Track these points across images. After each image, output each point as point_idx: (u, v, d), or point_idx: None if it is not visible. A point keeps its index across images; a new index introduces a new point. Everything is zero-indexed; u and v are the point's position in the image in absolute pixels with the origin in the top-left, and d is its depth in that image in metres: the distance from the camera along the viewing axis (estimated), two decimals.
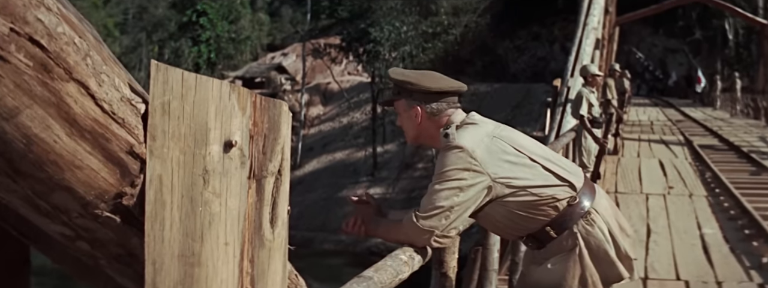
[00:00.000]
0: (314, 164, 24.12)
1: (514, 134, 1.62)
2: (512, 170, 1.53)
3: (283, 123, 1.04)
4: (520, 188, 1.53)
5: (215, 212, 0.95)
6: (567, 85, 7.75)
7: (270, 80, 29.62)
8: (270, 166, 1.01)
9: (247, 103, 0.99)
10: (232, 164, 0.96)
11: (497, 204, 1.55)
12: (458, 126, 1.58)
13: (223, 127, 0.96)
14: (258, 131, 1.00)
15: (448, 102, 1.61)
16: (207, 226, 0.94)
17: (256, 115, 1.00)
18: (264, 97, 1.02)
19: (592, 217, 1.57)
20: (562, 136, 5.33)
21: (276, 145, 1.02)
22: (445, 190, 1.49)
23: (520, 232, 1.61)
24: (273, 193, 1.02)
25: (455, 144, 1.52)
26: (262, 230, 1.01)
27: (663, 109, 17.62)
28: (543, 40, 27.62)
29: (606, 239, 1.57)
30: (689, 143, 9.68)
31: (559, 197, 1.56)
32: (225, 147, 0.95)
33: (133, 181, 0.91)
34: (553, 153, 1.68)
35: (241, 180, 0.97)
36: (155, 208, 0.92)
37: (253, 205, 0.99)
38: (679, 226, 5.01)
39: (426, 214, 1.50)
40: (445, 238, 1.52)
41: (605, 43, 12.01)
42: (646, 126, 12.48)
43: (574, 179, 1.60)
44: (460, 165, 1.50)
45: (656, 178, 6.97)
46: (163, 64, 0.93)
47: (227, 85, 0.97)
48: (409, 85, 1.60)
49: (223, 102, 0.96)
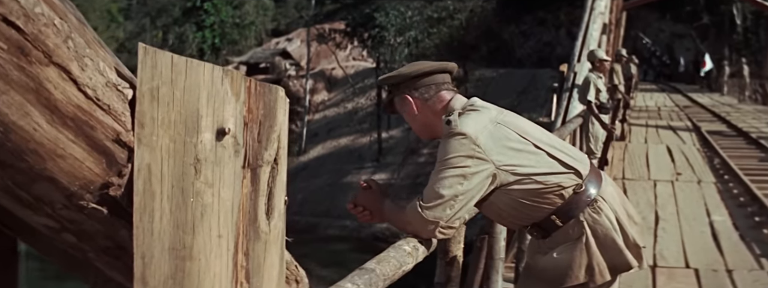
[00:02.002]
0: (319, 150, 24.12)
1: (518, 120, 1.57)
2: (517, 157, 1.48)
3: (280, 109, 0.99)
4: (525, 176, 1.48)
5: (207, 203, 0.90)
6: (573, 71, 7.65)
7: (274, 66, 29.50)
8: (265, 155, 0.96)
9: (240, 89, 0.93)
10: (225, 153, 0.91)
11: (501, 192, 1.50)
12: (460, 112, 1.53)
13: (216, 113, 0.91)
14: (253, 118, 0.95)
15: (436, 83, 1.58)
16: (199, 217, 0.90)
17: (251, 101, 0.95)
18: (259, 82, 0.96)
19: (598, 204, 1.52)
20: (569, 122, 5.25)
21: (272, 133, 0.97)
22: (448, 179, 1.44)
23: (525, 222, 1.56)
24: (269, 183, 0.97)
25: (458, 131, 1.46)
26: (258, 222, 0.96)
27: (670, 94, 17.48)
28: (549, 25, 27.34)
29: (613, 227, 1.52)
30: (697, 129, 9.58)
31: (565, 185, 1.51)
32: (217, 135, 0.91)
33: (120, 171, 0.86)
34: (558, 139, 1.63)
35: (234, 169, 0.93)
36: (144, 199, 0.87)
37: (248, 196, 0.95)
38: (687, 213, 4.96)
39: (429, 204, 1.45)
40: (449, 228, 1.48)
41: (612, 27, 11.85)
42: (653, 112, 12.37)
43: (580, 166, 1.55)
44: (463, 152, 1.45)
45: (664, 165, 6.90)
46: (152, 47, 0.88)
47: (220, 69, 0.92)
48: (393, 79, 1.58)
49: (215, 87, 0.91)
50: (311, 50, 27.73)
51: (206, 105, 0.90)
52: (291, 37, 33.13)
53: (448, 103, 1.58)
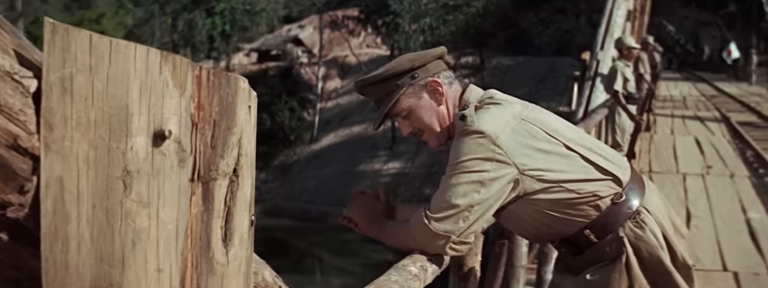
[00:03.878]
0: (331, 138, 23.97)
1: (545, 116, 1.33)
2: (545, 160, 1.24)
3: (241, 105, 0.77)
4: (554, 183, 1.25)
5: (141, 228, 0.69)
6: (597, 59, 7.32)
7: (286, 53, 29.27)
8: (221, 165, 0.75)
9: (187, 79, 0.72)
10: (165, 162, 0.70)
11: (525, 202, 1.27)
12: (477, 106, 1.29)
13: (152, 111, 0.69)
14: (204, 117, 0.73)
15: (436, 65, 1.34)
16: (130, 247, 0.69)
17: (201, 95, 0.73)
18: (213, 71, 0.74)
19: (641, 217, 1.28)
20: (594, 113, 4.96)
21: (230, 136, 0.75)
22: (462, 185, 1.21)
23: (553, 237, 1.33)
24: (226, 201, 0.76)
25: (474, 128, 1.23)
26: (212, 251, 0.75)
27: (695, 83, 16.98)
28: (568, 13, 26.76)
29: (659, 244, 1.28)
30: (726, 120, 9.21)
31: (602, 194, 1.27)
32: (155, 139, 0.69)
33: (21, 186, 0.65)
34: (593, 139, 1.39)
35: (179, 184, 0.71)
36: (54, 222, 0.66)
37: (198, 218, 0.73)
38: (721, 209, 4.66)
39: (439, 215, 1.22)
40: (462, 244, 1.24)
41: (637, 14, 11.41)
42: (678, 101, 11.96)
43: (620, 172, 1.31)
44: (480, 154, 1.21)
45: (693, 157, 6.58)
46: (62, 24, 0.66)
47: (157, 53, 0.70)
48: (376, 78, 1.33)
49: (151, 77, 0.69)
50: (324, 37, 27.43)
51: (139, 100, 0.68)
52: (303, 23, 32.81)
53: (461, 96, 1.35)
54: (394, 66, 1.33)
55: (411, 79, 1.33)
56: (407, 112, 1.34)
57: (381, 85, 1.34)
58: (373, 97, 1.36)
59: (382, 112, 1.35)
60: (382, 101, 1.35)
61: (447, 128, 1.35)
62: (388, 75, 1.33)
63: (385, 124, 1.41)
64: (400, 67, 1.33)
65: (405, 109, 1.34)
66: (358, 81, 1.37)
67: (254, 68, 27.84)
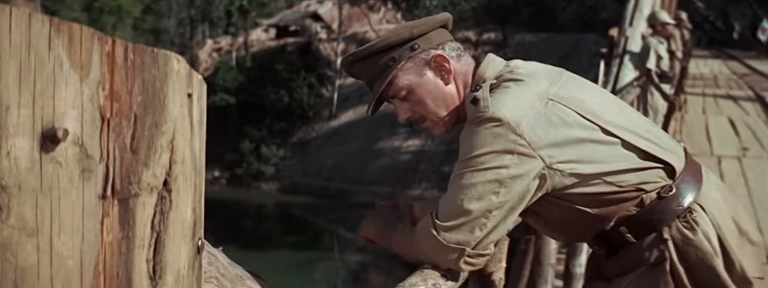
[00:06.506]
0: (350, 115, 23.79)
1: (580, 92, 1.07)
2: (578, 150, 1.01)
3: (175, 94, 0.56)
4: (590, 177, 1.02)
5: (27, 265, 0.50)
6: (625, 35, 6.96)
7: (305, 28, 28.94)
8: (145, 175, 0.55)
9: (91, 57, 0.51)
10: (60, 173, 0.50)
11: (552, 200, 1.05)
12: (494, 84, 1.06)
13: (39, 103, 0.49)
14: (120, 110, 0.53)
15: (439, 34, 1.11)
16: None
17: (116, 80, 0.53)
18: (133, 46, 0.54)
19: (694, 216, 1.05)
20: (625, 92, 4.67)
21: (158, 136, 0.55)
22: (476, 186, 0.99)
23: (584, 236, 1.13)
24: (154, 224, 0.56)
25: (489, 115, 0.99)
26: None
27: (725, 61, 16.37)
28: None
29: (713, 250, 1.05)
30: (761, 99, 8.79)
31: (647, 188, 1.05)
32: (44, 141, 0.50)
33: None
34: (640, 117, 1.15)
35: (82, 203, 0.52)
36: None
37: (114, 248, 0.54)
38: (762, 195, 4.37)
39: (449, 223, 0.99)
40: (480, 257, 1.02)
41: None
42: (709, 80, 11.48)
43: (673, 159, 1.08)
44: (498, 146, 0.98)
45: (727, 138, 6.24)
46: None
47: (46, 20, 0.49)
48: (368, 50, 1.09)
49: (37, 53, 0.49)
50: (343, 13, 27.01)
51: (18, 86, 0.48)
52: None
53: (474, 70, 1.11)
54: (390, 35, 1.09)
55: (410, 50, 1.09)
56: (406, 91, 1.10)
57: (374, 60, 1.10)
58: (365, 76, 1.12)
59: (375, 94, 1.10)
60: (376, 80, 1.10)
61: (456, 111, 1.11)
62: (383, 46, 1.09)
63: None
64: (397, 36, 1.09)
65: (403, 87, 1.10)
66: (346, 56, 1.13)
67: (272, 44, 27.65)
